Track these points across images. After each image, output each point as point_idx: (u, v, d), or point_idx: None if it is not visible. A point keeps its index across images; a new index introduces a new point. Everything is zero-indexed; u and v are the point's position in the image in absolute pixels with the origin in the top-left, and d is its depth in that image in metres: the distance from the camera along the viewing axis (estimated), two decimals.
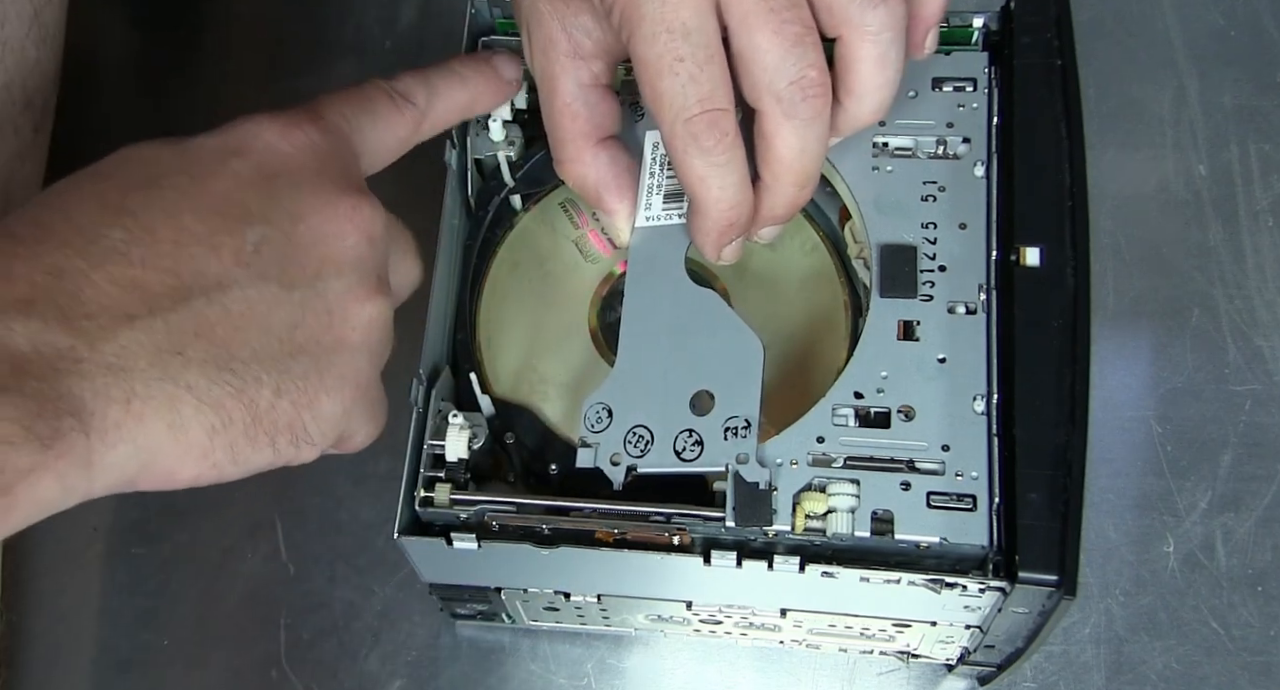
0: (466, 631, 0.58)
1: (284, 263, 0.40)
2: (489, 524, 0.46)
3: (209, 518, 0.61)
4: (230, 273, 0.39)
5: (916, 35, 0.46)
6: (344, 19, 0.72)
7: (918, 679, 0.56)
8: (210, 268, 0.39)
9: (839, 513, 0.45)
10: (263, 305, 0.39)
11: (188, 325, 0.38)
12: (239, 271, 0.39)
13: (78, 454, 0.36)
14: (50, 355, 0.36)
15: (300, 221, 0.41)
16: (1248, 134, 0.66)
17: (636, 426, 0.47)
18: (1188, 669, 0.56)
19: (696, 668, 0.57)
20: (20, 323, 0.36)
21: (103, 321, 0.37)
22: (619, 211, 0.49)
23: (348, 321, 0.42)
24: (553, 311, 0.53)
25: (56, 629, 0.59)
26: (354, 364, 0.42)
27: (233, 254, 0.39)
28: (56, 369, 0.36)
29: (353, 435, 0.44)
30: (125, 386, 0.37)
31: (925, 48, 0.47)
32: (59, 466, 0.35)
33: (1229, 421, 0.60)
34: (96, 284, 0.37)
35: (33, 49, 0.58)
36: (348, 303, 0.42)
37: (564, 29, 0.47)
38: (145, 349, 0.37)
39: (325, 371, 0.41)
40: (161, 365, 0.37)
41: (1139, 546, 0.58)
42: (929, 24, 0.46)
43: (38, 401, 0.35)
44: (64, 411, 0.35)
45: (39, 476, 0.35)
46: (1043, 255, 0.47)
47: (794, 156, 0.44)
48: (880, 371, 0.47)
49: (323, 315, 0.41)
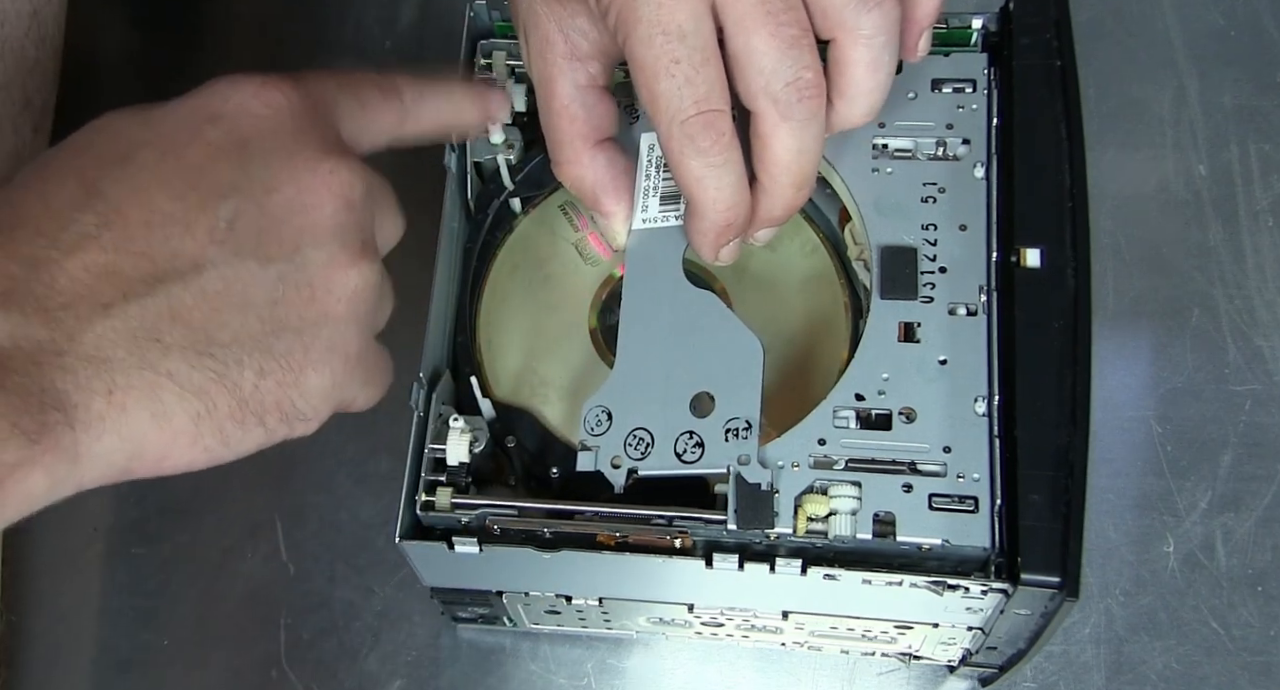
0: (467, 632, 0.58)
1: (260, 237, 0.39)
2: (490, 528, 0.46)
3: (209, 518, 0.61)
4: (205, 252, 0.38)
5: (910, 38, 0.46)
6: (344, 19, 0.71)
7: (918, 679, 0.56)
8: (184, 248, 0.38)
9: (841, 515, 0.45)
10: (240, 284, 0.39)
11: (164, 310, 0.38)
12: (214, 250, 0.39)
13: (64, 447, 0.36)
14: (30, 349, 0.36)
15: (275, 191, 0.40)
16: (1248, 134, 0.65)
17: (637, 429, 0.47)
18: (1188, 669, 0.56)
19: (697, 668, 0.57)
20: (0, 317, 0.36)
21: (79, 312, 0.36)
22: (616, 213, 0.49)
23: (331, 293, 0.41)
24: (553, 314, 0.53)
25: (56, 629, 0.59)
26: (341, 335, 0.41)
27: (206, 232, 0.39)
28: (38, 363, 0.36)
29: (352, 401, 0.43)
30: (106, 377, 0.36)
31: (918, 51, 0.47)
32: (46, 461, 0.35)
33: (1229, 421, 0.60)
34: (70, 273, 0.37)
35: (32, 49, 0.58)
36: (330, 273, 0.41)
37: (561, 30, 0.47)
38: (123, 337, 0.37)
39: (310, 346, 0.40)
40: (140, 353, 0.37)
41: (1139, 546, 0.58)
42: (922, 27, 0.46)
43: (22, 397, 0.35)
44: (48, 406, 0.35)
45: (27, 471, 0.35)
46: (1043, 256, 0.47)
47: (791, 158, 0.44)
48: (881, 373, 0.47)
49: (304, 288, 0.40)
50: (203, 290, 0.38)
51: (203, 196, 0.39)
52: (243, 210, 0.39)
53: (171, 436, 0.38)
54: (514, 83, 0.52)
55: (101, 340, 0.37)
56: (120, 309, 0.37)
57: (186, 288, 0.38)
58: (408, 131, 0.46)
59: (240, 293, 0.39)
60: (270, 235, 0.40)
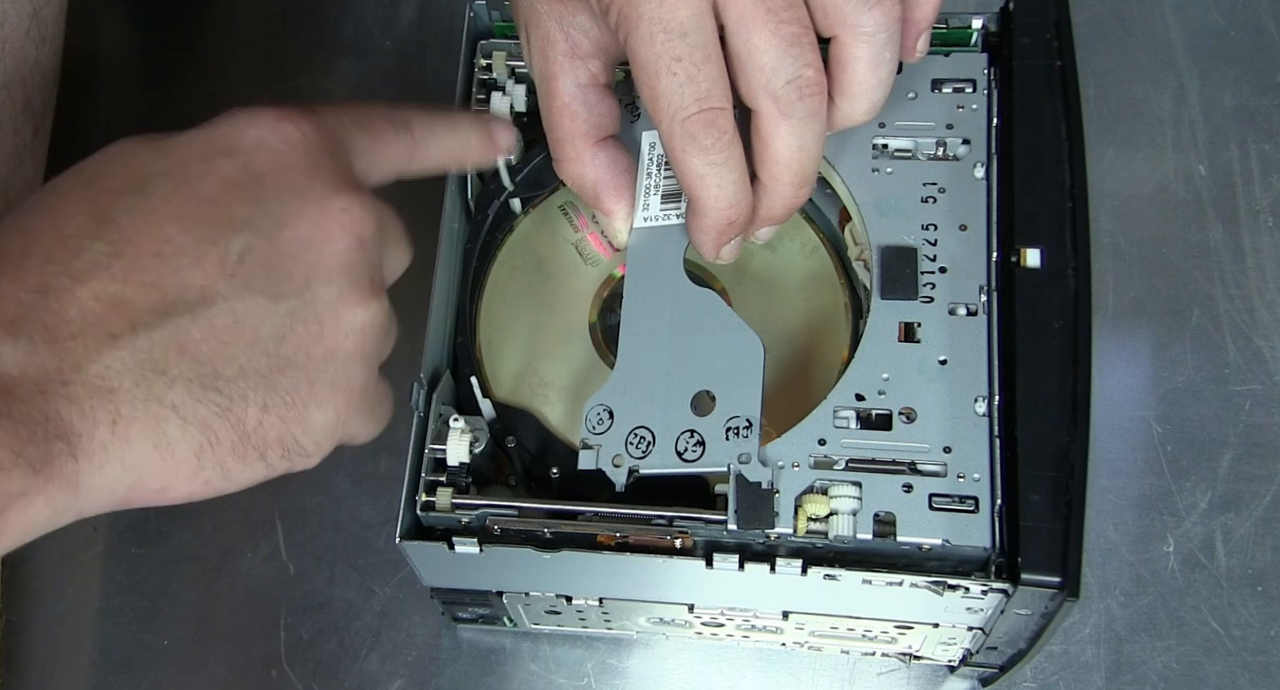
0: (467, 632, 0.58)
1: (270, 272, 0.39)
2: (490, 528, 0.46)
3: (209, 518, 0.61)
4: (214, 285, 0.38)
5: (908, 39, 0.46)
6: (344, 19, 0.71)
7: (918, 679, 0.56)
8: (194, 280, 0.38)
9: (841, 515, 0.45)
10: (248, 319, 0.39)
11: (171, 342, 0.37)
12: (223, 283, 0.38)
13: (67, 477, 0.36)
14: (37, 377, 0.35)
15: (287, 228, 0.40)
16: (1248, 134, 0.66)
17: (638, 428, 0.47)
18: (1188, 669, 0.56)
19: (697, 668, 0.57)
20: (8, 345, 0.35)
21: (87, 341, 0.36)
22: (617, 212, 0.49)
23: (340, 330, 0.41)
24: (553, 314, 0.53)
25: (56, 629, 0.59)
26: (346, 372, 0.41)
27: (217, 265, 0.38)
28: (44, 392, 0.35)
29: (353, 437, 0.44)
30: (111, 408, 0.36)
31: (916, 52, 0.47)
32: (49, 490, 0.35)
33: (1229, 421, 0.60)
34: (80, 301, 0.37)
35: (32, 49, 0.58)
36: (339, 310, 0.41)
37: (562, 29, 0.47)
38: (129, 368, 0.37)
39: (315, 383, 0.40)
40: (146, 385, 0.37)
41: (1139, 546, 0.58)
42: (921, 28, 0.46)
43: (27, 426, 0.35)
44: (53, 435, 0.35)
45: (29, 500, 0.35)
46: (1043, 256, 0.47)
47: (791, 156, 0.44)
48: (881, 373, 0.47)
49: (312, 325, 0.40)
50: (210, 324, 0.38)
51: (215, 229, 0.39)
52: (254, 245, 0.39)
53: (173, 468, 0.38)
54: (514, 83, 0.52)
55: (108, 371, 0.36)
56: (128, 340, 0.37)
57: (194, 321, 0.38)
58: (415, 166, 0.46)
59: (248, 328, 0.39)
60: (281, 271, 0.39)
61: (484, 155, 0.50)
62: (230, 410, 0.38)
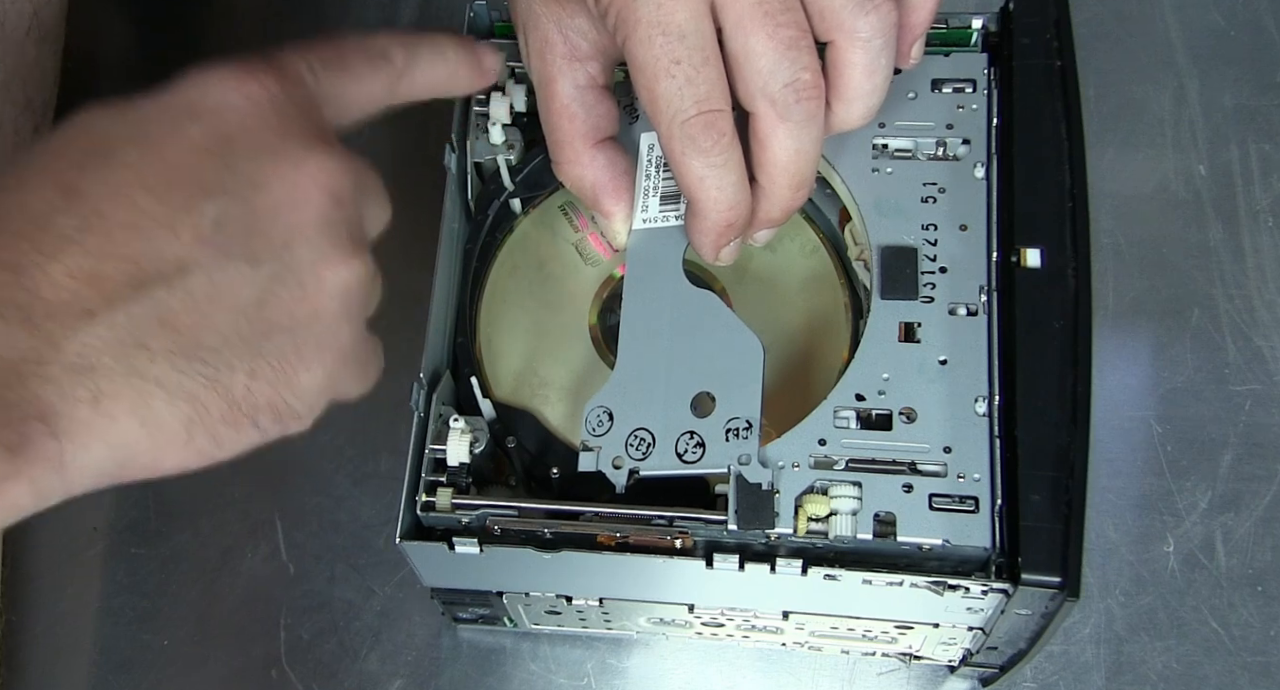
0: (467, 632, 0.58)
1: (247, 236, 0.38)
2: (491, 528, 0.46)
3: (209, 518, 0.61)
4: (190, 254, 0.37)
5: (903, 45, 0.46)
6: (344, 19, 0.71)
7: (918, 679, 0.56)
8: (169, 250, 0.37)
9: (841, 515, 0.45)
10: (228, 286, 0.37)
11: (150, 316, 0.36)
12: (200, 251, 0.37)
13: (49, 458, 0.35)
14: (13, 359, 0.35)
15: (262, 189, 0.38)
16: (1248, 134, 0.65)
17: (638, 429, 0.47)
18: (1188, 669, 0.56)
19: (697, 668, 0.57)
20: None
21: (63, 320, 0.35)
22: (616, 213, 0.49)
23: (323, 290, 0.39)
24: (553, 315, 0.53)
25: (56, 629, 0.59)
26: (332, 332, 0.40)
27: (192, 233, 0.37)
28: (20, 373, 0.35)
29: (345, 394, 0.42)
30: (91, 386, 0.35)
31: (911, 57, 0.47)
32: (30, 472, 0.35)
33: (1229, 421, 0.60)
34: (54, 278, 0.35)
35: (32, 48, 0.58)
36: (321, 271, 0.39)
37: (560, 31, 0.47)
38: (108, 345, 0.36)
39: (302, 345, 0.39)
40: (127, 361, 0.36)
41: (1139, 546, 0.58)
42: (916, 34, 0.46)
43: (3, 408, 0.34)
44: (30, 416, 0.34)
45: (11, 483, 0.34)
46: (1043, 256, 0.47)
47: (789, 158, 0.44)
48: (881, 373, 0.47)
49: (294, 288, 0.39)
50: (189, 294, 0.37)
51: (187, 196, 0.37)
52: (229, 210, 0.38)
53: (163, 442, 0.37)
54: (514, 83, 0.52)
55: (86, 348, 0.35)
56: (105, 316, 0.36)
57: (172, 292, 0.37)
58: (401, 96, 0.45)
59: (228, 295, 0.38)
60: (258, 235, 0.38)
61: (472, 82, 0.48)
62: (217, 380, 0.37)
